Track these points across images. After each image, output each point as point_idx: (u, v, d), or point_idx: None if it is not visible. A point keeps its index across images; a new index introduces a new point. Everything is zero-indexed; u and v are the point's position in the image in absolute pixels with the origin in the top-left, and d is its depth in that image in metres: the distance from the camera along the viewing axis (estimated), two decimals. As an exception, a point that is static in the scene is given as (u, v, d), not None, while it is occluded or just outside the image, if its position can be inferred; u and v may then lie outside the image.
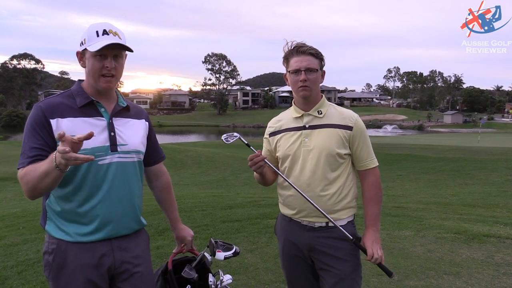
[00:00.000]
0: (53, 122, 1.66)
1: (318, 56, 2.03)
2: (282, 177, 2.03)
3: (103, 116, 1.76)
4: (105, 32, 1.69)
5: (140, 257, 1.87)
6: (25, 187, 1.59)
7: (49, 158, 1.51)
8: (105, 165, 1.72)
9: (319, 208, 1.94)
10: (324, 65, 2.08)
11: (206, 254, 2.07)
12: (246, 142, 1.99)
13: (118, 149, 1.76)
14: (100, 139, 1.72)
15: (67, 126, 1.66)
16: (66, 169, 1.47)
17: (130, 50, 1.77)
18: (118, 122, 1.80)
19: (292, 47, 2.04)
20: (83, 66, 1.75)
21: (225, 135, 2.08)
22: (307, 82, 2.00)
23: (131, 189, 1.83)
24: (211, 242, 2.07)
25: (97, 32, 1.69)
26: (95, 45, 1.66)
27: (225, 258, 1.99)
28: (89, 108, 1.74)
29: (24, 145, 1.66)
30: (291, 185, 1.99)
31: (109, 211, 1.74)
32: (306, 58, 2.00)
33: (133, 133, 1.86)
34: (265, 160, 1.95)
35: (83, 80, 1.83)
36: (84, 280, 1.70)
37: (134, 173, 1.85)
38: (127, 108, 1.87)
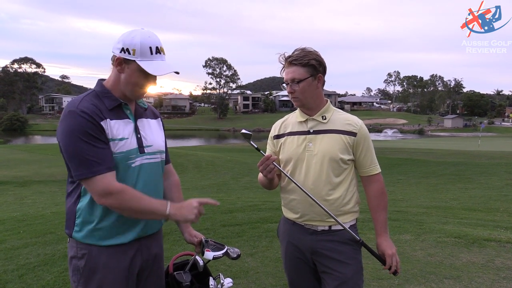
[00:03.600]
0: (103, 124, 1.63)
1: (305, 64, 1.99)
2: (292, 181, 2.02)
3: (130, 118, 1.76)
4: (157, 50, 1.68)
5: (159, 254, 1.94)
6: (116, 200, 1.60)
7: (160, 202, 1.69)
8: (137, 167, 1.74)
9: (327, 210, 1.95)
10: (320, 70, 2.03)
11: (197, 257, 2.06)
12: (256, 146, 1.99)
13: (145, 151, 1.78)
14: (132, 141, 1.73)
15: (109, 128, 1.65)
16: (171, 219, 1.71)
17: (177, 73, 1.76)
18: (141, 124, 1.82)
19: (283, 59, 2.05)
20: (120, 72, 1.69)
21: (244, 131, 2.04)
22: (294, 93, 2.03)
23: (158, 189, 1.88)
24: (201, 242, 2.07)
25: (150, 48, 1.66)
26: (153, 67, 1.65)
27: (214, 258, 1.98)
28: (117, 110, 1.72)
29: (82, 151, 1.57)
30: (301, 188, 1.98)
31: None
32: (291, 69, 2.01)
33: (155, 133, 1.88)
34: (274, 163, 1.95)
35: (104, 79, 1.79)
36: (115, 283, 1.71)
37: (159, 173, 1.89)
38: (145, 109, 1.89)
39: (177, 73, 1.76)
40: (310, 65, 2.00)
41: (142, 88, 1.74)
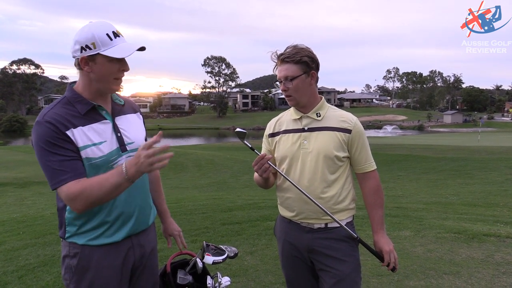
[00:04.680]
0: (69, 133, 1.60)
1: (298, 60, 1.97)
2: (287, 179, 2.01)
3: (107, 119, 1.74)
4: (115, 35, 1.64)
5: (152, 249, 1.94)
6: (82, 202, 1.55)
7: (116, 171, 1.55)
8: None
9: (323, 208, 1.94)
10: (313, 66, 2.02)
11: (198, 260, 2.07)
12: (250, 146, 1.97)
13: (127, 148, 1.77)
14: (111, 142, 1.71)
15: (80, 136, 1.63)
16: (136, 179, 1.55)
17: (143, 49, 1.71)
18: (120, 121, 1.80)
19: (275, 57, 2.04)
20: (89, 71, 1.64)
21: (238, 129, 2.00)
22: (287, 91, 2.02)
23: (144, 184, 1.88)
24: (202, 245, 2.08)
25: (108, 35, 1.61)
26: (118, 51, 1.61)
27: (214, 263, 1.99)
28: (92, 113, 1.69)
29: (49, 162, 1.57)
30: (296, 187, 1.98)
31: (129, 210, 1.77)
32: (284, 67, 2.00)
33: (135, 129, 1.86)
34: (269, 162, 1.94)
35: (74, 83, 1.75)
36: (107, 281, 1.72)
37: None
38: (121, 104, 1.87)
39: (144, 48, 1.70)
40: (302, 62, 1.98)
41: (118, 78, 1.69)
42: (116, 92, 1.83)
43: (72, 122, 1.62)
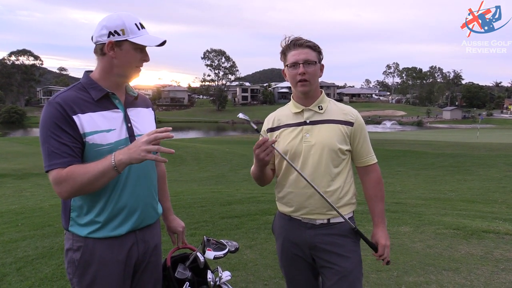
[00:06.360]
0: (75, 118, 1.60)
1: (316, 48, 2.00)
2: (290, 164, 1.95)
3: (118, 108, 1.74)
4: (142, 26, 1.70)
5: (156, 246, 1.92)
6: (68, 187, 1.54)
7: (105, 158, 1.55)
8: None
9: (328, 201, 1.91)
10: (322, 59, 2.06)
11: (199, 254, 2.05)
12: (255, 127, 1.92)
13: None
14: (121, 132, 1.71)
15: (88, 122, 1.63)
16: (123, 169, 1.55)
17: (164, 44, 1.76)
18: (132, 113, 1.80)
19: (289, 41, 2.01)
20: (113, 56, 1.66)
21: (241, 114, 1.95)
22: (306, 75, 1.96)
23: (151, 178, 1.86)
24: (203, 240, 2.06)
25: (136, 25, 1.67)
26: (147, 40, 1.66)
27: (215, 258, 1.98)
28: (105, 101, 1.70)
29: (48, 144, 1.57)
30: (300, 173, 1.93)
31: (135, 202, 1.75)
32: (304, 51, 1.97)
33: (146, 122, 1.86)
34: (273, 145, 1.88)
35: (90, 71, 1.77)
36: (110, 275, 1.71)
37: (151, 163, 1.87)
38: (136, 97, 1.87)
39: (164, 43, 1.74)
40: (318, 51, 2.01)
41: (139, 65, 1.74)
42: (131, 85, 1.85)
43: (81, 107, 1.63)
